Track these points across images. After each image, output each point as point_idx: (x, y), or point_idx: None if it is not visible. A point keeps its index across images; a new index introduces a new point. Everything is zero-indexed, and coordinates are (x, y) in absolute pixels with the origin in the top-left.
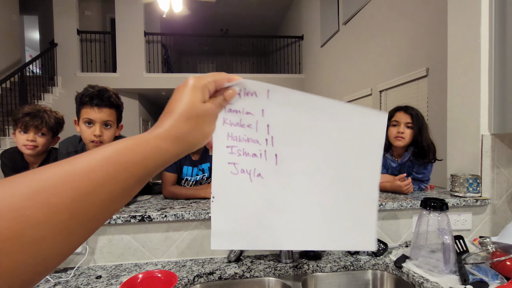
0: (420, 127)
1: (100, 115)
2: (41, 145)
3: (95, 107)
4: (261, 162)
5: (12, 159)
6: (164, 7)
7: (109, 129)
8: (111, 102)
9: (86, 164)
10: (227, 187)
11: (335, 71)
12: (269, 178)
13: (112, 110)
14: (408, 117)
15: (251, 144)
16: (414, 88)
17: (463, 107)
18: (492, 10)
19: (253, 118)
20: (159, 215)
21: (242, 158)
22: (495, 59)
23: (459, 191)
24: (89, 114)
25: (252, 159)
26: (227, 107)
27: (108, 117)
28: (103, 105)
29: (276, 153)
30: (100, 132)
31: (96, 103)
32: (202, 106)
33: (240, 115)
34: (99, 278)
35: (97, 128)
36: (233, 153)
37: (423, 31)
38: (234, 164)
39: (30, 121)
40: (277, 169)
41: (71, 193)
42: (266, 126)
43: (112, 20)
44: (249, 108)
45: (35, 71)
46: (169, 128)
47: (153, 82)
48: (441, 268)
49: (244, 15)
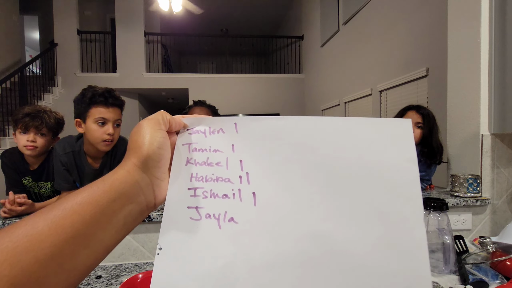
0: (431, 127)
1: (113, 114)
2: (41, 145)
3: (110, 106)
4: (235, 204)
5: (12, 160)
6: (176, 7)
7: (119, 128)
8: (121, 101)
9: None
10: (183, 235)
11: (335, 71)
12: (245, 222)
13: (120, 110)
14: (419, 117)
15: (221, 184)
16: (414, 88)
17: (463, 107)
18: (492, 10)
19: (223, 155)
20: (159, 215)
21: (209, 200)
22: (495, 59)
23: (459, 191)
24: (102, 113)
25: (223, 201)
26: (192, 146)
27: (119, 116)
28: (115, 105)
29: (254, 191)
30: (113, 131)
31: (112, 102)
32: (160, 133)
33: (207, 153)
34: (99, 278)
35: (110, 127)
36: (197, 196)
37: (423, 31)
38: (197, 208)
39: (30, 122)
40: (256, 211)
41: None
42: (239, 162)
43: (112, 20)
44: (217, 145)
45: (35, 71)
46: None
47: (153, 82)
48: (441, 268)
49: (244, 15)
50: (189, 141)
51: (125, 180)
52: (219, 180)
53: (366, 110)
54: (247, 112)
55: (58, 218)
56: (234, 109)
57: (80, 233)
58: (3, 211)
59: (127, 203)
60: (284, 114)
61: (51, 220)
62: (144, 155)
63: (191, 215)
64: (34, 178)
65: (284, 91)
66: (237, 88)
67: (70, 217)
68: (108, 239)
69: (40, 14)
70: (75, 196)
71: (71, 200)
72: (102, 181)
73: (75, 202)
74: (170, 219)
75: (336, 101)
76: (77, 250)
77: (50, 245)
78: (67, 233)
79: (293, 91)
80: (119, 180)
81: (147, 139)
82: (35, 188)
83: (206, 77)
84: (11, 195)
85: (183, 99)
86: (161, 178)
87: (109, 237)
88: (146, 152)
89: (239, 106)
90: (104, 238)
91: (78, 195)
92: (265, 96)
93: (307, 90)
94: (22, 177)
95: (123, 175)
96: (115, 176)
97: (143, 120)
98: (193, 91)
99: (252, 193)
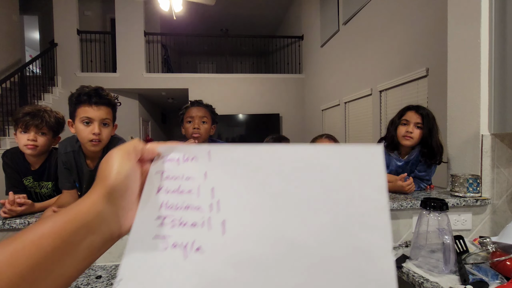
0: (431, 128)
1: (98, 113)
2: (42, 144)
3: (93, 105)
4: (203, 232)
5: (14, 160)
6: (176, 7)
7: (107, 127)
8: (109, 100)
9: None
10: (146, 266)
11: (335, 71)
12: (212, 251)
13: (109, 109)
14: (418, 117)
15: (190, 212)
16: (414, 88)
17: (463, 107)
18: (492, 10)
19: (195, 183)
20: None
21: (177, 229)
22: (495, 59)
23: (459, 191)
24: (87, 112)
25: (191, 229)
26: (164, 175)
27: (106, 115)
28: (101, 103)
29: (224, 219)
30: (99, 130)
31: (95, 101)
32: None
33: (179, 181)
34: (99, 278)
35: (95, 126)
36: (164, 225)
37: (423, 31)
38: (164, 237)
39: (30, 121)
40: (225, 239)
41: None
42: (210, 189)
43: (112, 20)
44: (189, 173)
45: (35, 71)
46: None
47: (153, 82)
48: (441, 268)
49: (244, 15)
50: (162, 169)
51: (88, 210)
52: (189, 208)
53: (366, 110)
54: (247, 112)
55: (17, 251)
56: (234, 109)
57: (38, 266)
58: (3, 211)
59: (89, 234)
60: (284, 114)
61: (10, 252)
62: (110, 185)
63: (156, 245)
64: (35, 178)
65: (284, 91)
66: (237, 88)
67: (29, 250)
68: (70, 271)
69: (40, 14)
70: (37, 227)
71: (32, 232)
72: (66, 211)
73: (36, 233)
74: (133, 249)
75: (336, 101)
76: (35, 283)
77: (8, 277)
78: (25, 265)
79: (293, 91)
80: (82, 211)
81: (115, 169)
82: (36, 188)
83: (206, 77)
84: (11, 195)
85: (183, 99)
86: (127, 208)
87: (71, 269)
88: (112, 182)
89: (239, 106)
90: (65, 271)
91: (40, 226)
92: (265, 96)
93: (307, 90)
94: (23, 177)
95: (86, 206)
96: (79, 208)
97: (114, 149)
98: (193, 91)
99: (222, 221)
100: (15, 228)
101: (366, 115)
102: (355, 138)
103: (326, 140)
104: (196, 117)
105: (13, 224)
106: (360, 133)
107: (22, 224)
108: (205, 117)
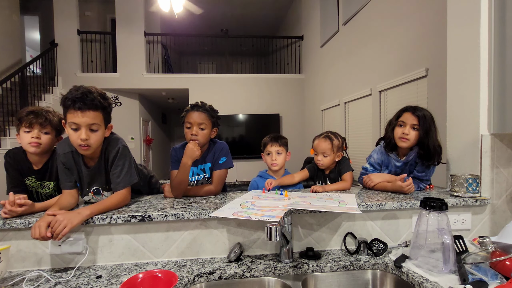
0: (427, 129)
1: (84, 119)
2: (45, 143)
3: (78, 111)
4: None
5: (16, 159)
6: (177, 8)
7: (96, 132)
8: (95, 105)
9: None
10: None
11: (335, 71)
12: None
13: (97, 113)
14: (414, 119)
15: None
16: (413, 89)
17: (463, 107)
18: (492, 11)
19: None
20: (159, 215)
21: None
22: (494, 59)
23: (459, 191)
24: (73, 118)
25: None
26: None
27: (93, 120)
28: (86, 108)
29: None
30: (86, 136)
31: (79, 106)
32: None
33: None
34: (99, 278)
35: (82, 132)
36: None
37: (423, 31)
38: None
39: (34, 119)
40: None
41: None
42: None
43: (112, 20)
44: None
45: (36, 71)
46: None
47: (153, 82)
48: (440, 268)
49: (244, 15)
50: None
51: None
52: None
53: (366, 110)
54: (247, 112)
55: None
56: (234, 109)
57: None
58: (3, 212)
59: None
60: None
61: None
62: None
63: None
64: (37, 178)
65: (284, 91)
66: (237, 88)
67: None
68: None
69: (41, 14)
70: None
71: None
72: None
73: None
74: None
75: (336, 101)
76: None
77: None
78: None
79: (293, 91)
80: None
81: None
82: (38, 188)
83: (206, 77)
84: (11, 196)
85: (183, 99)
86: None
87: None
88: None
89: (239, 106)
90: None
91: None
92: (265, 96)
93: (307, 90)
94: (25, 177)
95: None
96: None
97: None
98: (193, 91)
99: None
100: (16, 228)
101: (365, 115)
102: (354, 138)
103: (323, 140)
104: (195, 124)
105: (14, 224)
106: (360, 133)
107: (23, 224)
108: (203, 123)
